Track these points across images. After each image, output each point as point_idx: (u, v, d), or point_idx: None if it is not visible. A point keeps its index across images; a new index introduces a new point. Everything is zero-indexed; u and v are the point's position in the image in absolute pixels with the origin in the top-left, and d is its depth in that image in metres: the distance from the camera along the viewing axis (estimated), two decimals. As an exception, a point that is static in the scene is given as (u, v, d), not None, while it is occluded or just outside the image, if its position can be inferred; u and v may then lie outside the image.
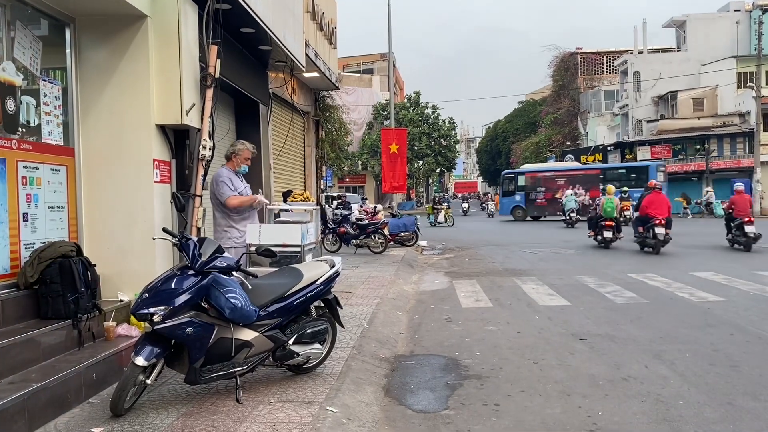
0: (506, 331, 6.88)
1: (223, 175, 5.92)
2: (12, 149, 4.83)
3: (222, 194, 5.82)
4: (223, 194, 5.82)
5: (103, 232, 5.77)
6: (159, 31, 5.84)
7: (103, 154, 5.77)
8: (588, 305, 8.25)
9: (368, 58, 55.25)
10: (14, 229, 4.86)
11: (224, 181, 5.86)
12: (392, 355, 5.98)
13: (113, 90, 5.78)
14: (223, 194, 5.82)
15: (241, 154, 6.07)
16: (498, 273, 11.83)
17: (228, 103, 9.34)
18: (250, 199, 6.01)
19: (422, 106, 50.26)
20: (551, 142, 52.01)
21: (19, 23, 5.04)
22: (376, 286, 9.74)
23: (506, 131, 63.85)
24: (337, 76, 14.75)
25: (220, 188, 5.84)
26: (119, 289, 5.64)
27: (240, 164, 6.07)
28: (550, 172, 35.03)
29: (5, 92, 4.82)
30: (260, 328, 4.44)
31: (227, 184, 5.85)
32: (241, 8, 6.87)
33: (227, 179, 5.89)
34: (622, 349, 6.02)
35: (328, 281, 4.97)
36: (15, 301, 4.65)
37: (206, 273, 4.12)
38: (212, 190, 5.97)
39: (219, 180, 5.88)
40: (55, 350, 4.53)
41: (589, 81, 51.82)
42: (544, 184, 34.12)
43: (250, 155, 6.15)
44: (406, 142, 21.43)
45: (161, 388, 4.60)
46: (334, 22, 14.10)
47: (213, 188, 5.96)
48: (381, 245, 15.59)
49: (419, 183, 57.60)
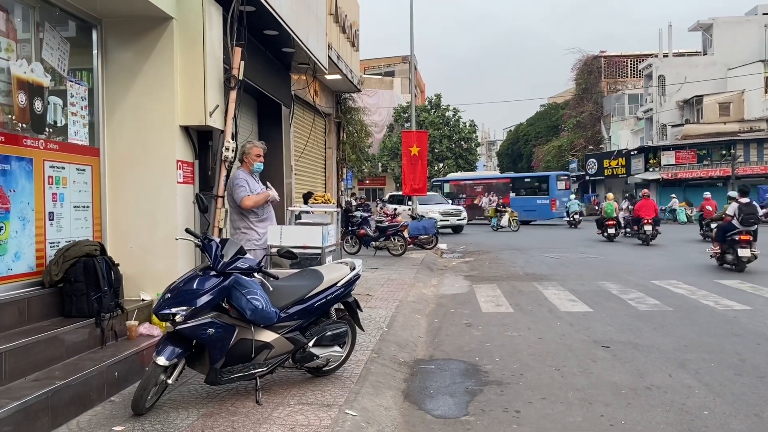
0: (527, 337, 6.81)
1: (239, 177, 5.93)
2: (39, 149, 4.89)
3: (238, 195, 5.84)
4: (238, 195, 5.84)
5: (127, 231, 5.83)
6: (184, 32, 5.89)
7: (127, 154, 5.83)
8: (610, 312, 8.15)
9: (389, 61, 55.26)
10: (40, 227, 4.92)
11: (240, 184, 5.86)
12: (412, 359, 5.95)
13: (138, 91, 5.84)
14: (238, 195, 5.84)
15: (251, 152, 6.05)
16: (519, 277, 11.74)
17: (251, 104, 9.40)
18: (264, 196, 6.01)
19: (443, 109, 50.15)
20: (573, 145, 51.57)
21: (47, 25, 5.11)
22: (396, 288, 9.71)
23: (528, 134, 63.43)
24: (359, 78, 14.77)
25: (237, 190, 5.86)
26: (141, 289, 5.69)
27: (253, 163, 6.05)
28: (470, 181, 38.33)
29: (33, 93, 4.89)
30: (280, 329, 4.44)
31: (244, 186, 5.86)
32: (265, 10, 6.91)
33: (243, 181, 5.89)
34: (646, 357, 5.93)
35: (349, 284, 4.96)
36: (40, 299, 4.71)
37: (228, 274, 4.14)
38: (230, 192, 5.99)
39: (235, 182, 5.90)
40: (78, 348, 4.57)
41: (613, 84, 51.27)
42: (465, 191, 37.53)
43: (261, 151, 6.13)
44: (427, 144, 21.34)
45: (182, 387, 4.62)
46: (357, 25, 14.12)
47: (230, 190, 5.98)
48: (401, 248, 15.57)
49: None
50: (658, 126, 42.80)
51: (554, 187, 33.12)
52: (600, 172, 44.76)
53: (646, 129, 45.38)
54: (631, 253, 16.60)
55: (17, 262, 4.69)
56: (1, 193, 4.50)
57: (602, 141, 51.02)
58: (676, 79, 41.47)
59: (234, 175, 6.02)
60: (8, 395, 3.65)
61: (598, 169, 44.96)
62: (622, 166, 42.74)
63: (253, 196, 5.90)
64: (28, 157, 4.76)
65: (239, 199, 5.84)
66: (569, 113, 53.35)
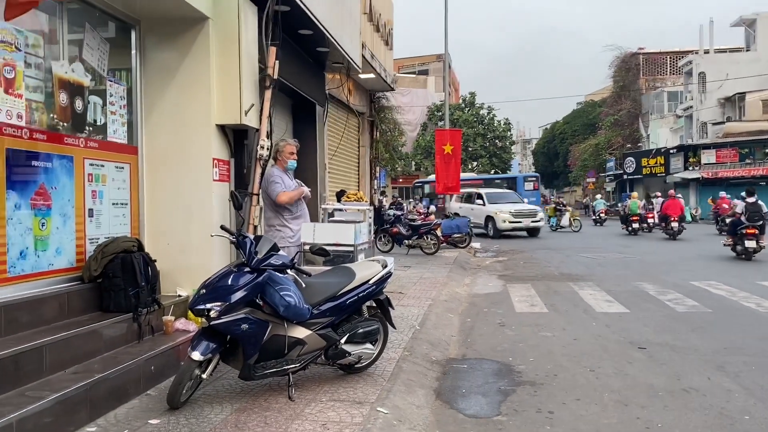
0: (562, 338, 6.72)
1: (274, 174, 6.00)
2: (79, 147, 5.01)
3: (273, 191, 5.90)
4: (273, 191, 5.90)
5: (164, 228, 5.93)
6: (220, 32, 5.97)
7: (164, 152, 5.93)
8: (647, 313, 7.99)
9: (423, 59, 55.12)
10: (80, 224, 5.05)
11: (275, 180, 5.93)
12: (444, 358, 5.93)
13: (175, 90, 5.94)
14: (273, 191, 5.90)
15: (284, 150, 6.12)
16: (554, 277, 11.60)
17: (285, 103, 9.47)
18: (299, 193, 6.07)
19: (477, 107, 49.84)
20: (611, 144, 50.73)
21: (88, 26, 5.23)
22: (428, 287, 9.69)
23: (564, 133, 62.62)
24: (393, 77, 14.78)
25: (272, 186, 5.92)
26: (178, 284, 5.79)
27: (286, 161, 6.11)
28: None
29: (74, 92, 5.01)
30: (313, 326, 4.46)
31: (279, 183, 5.93)
32: (300, 10, 6.95)
33: (278, 178, 5.96)
34: (683, 359, 5.80)
35: (381, 281, 4.96)
36: (79, 294, 4.82)
37: (262, 270, 4.18)
38: (264, 189, 6.05)
39: (270, 179, 5.96)
40: (116, 342, 4.67)
41: (652, 82, 50.25)
42: None
43: (294, 149, 6.19)
44: (461, 143, 21.27)
45: (216, 382, 4.69)
46: (391, 24, 14.13)
47: (265, 187, 6.04)
48: (433, 246, 15.51)
49: (473, 184, 57.11)
50: (698, 124, 41.81)
51: (522, 188, 35.25)
52: (638, 170, 43.93)
53: (685, 127, 44.37)
54: (664, 247, 17.94)
55: (58, 258, 4.81)
56: (44, 190, 4.63)
57: (640, 139, 50.06)
58: (718, 76, 40.42)
59: (269, 172, 6.09)
60: (49, 387, 3.75)
61: (636, 167, 44.13)
62: (660, 165, 41.87)
63: (288, 192, 5.96)
64: (68, 155, 4.89)
65: (274, 195, 5.90)
66: (607, 111, 52.47)
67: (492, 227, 22.79)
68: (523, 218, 22.73)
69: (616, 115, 50.61)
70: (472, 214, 22.88)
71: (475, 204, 24.13)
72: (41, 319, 4.37)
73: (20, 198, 4.40)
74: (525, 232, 23.46)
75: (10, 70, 4.29)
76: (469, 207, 24.26)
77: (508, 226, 22.51)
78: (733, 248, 14.59)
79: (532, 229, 23.11)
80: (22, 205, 4.42)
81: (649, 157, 43.13)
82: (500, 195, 25.19)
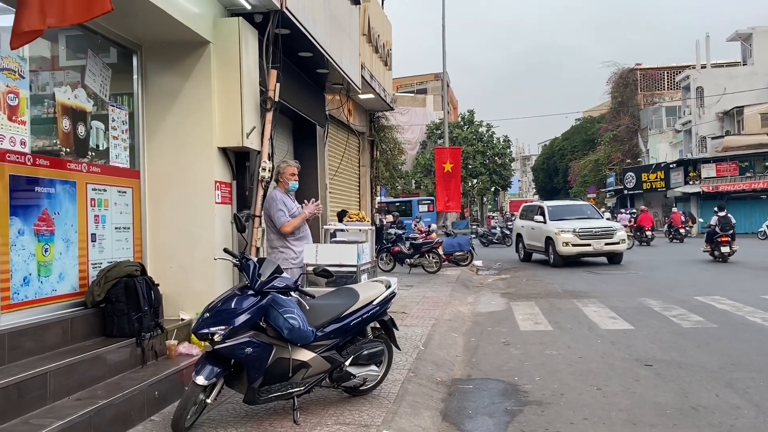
0: (567, 356, 6.68)
1: (276, 198, 5.96)
2: (82, 172, 5.03)
3: (278, 221, 5.88)
4: (278, 220, 5.88)
5: (166, 251, 5.93)
6: (221, 56, 6.01)
7: (166, 176, 5.95)
8: (653, 329, 7.95)
9: (422, 78, 55.48)
10: (83, 249, 5.04)
11: (278, 207, 5.89)
12: (449, 378, 5.88)
13: (177, 114, 5.97)
14: (278, 220, 5.88)
15: (285, 171, 6.10)
16: (557, 295, 11.56)
17: (286, 124, 9.52)
18: (301, 219, 6.03)
19: (476, 125, 50.03)
20: (611, 159, 50.84)
21: (90, 51, 5.28)
22: (431, 306, 9.65)
23: (563, 149, 62.78)
24: (392, 96, 14.86)
25: (276, 215, 5.89)
26: (181, 308, 5.77)
27: (288, 182, 6.10)
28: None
29: (77, 118, 5.04)
30: (317, 348, 4.44)
31: (282, 210, 5.90)
32: (300, 33, 7.01)
33: (281, 203, 5.92)
34: (690, 376, 5.76)
35: (385, 302, 4.94)
36: (83, 319, 4.80)
37: (265, 293, 4.16)
38: (266, 212, 6.04)
39: (273, 204, 5.94)
40: (119, 368, 4.64)
41: (650, 97, 50.49)
42: None
43: (295, 170, 6.18)
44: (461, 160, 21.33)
45: (220, 407, 4.65)
46: (389, 44, 14.23)
47: (267, 211, 6.02)
48: (435, 265, 15.49)
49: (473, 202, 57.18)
50: (697, 138, 41.92)
51: (416, 210, 36.30)
52: (638, 185, 43.99)
53: (684, 141, 44.50)
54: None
55: (61, 283, 4.80)
56: (47, 215, 4.63)
57: (640, 154, 50.19)
58: (716, 91, 40.63)
59: (270, 196, 6.07)
60: (53, 414, 3.72)
61: (637, 182, 44.20)
62: (661, 180, 41.94)
63: (293, 221, 5.93)
64: (71, 180, 4.90)
65: (279, 225, 5.88)
66: (605, 127, 52.66)
67: (552, 252, 17.34)
68: (594, 239, 16.89)
69: (615, 130, 50.80)
70: (532, 235, 18.96)
71: (535, 221, 18.68)
72: (45, 346, 4.35)
73: (23, 224, 4.41)
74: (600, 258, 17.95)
75: (14, 97, 4.32)
76: (529, 225, 19.24)
77: (571, 251, 16.92)
78: (711, 253, 17.92)
79: (609, 254, 17.37)
80: (25, 231, 4.42)
81: (649, 172, 43.21)
82: (568, 209, 19.50)
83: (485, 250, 27.11)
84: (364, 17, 11.46)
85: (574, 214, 18.69)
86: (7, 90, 4.25)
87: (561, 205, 20.18)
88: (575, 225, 17.27)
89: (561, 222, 17.70)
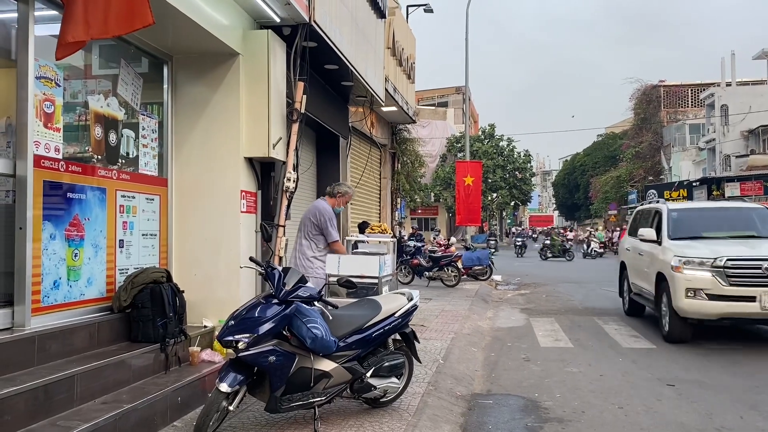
0: (588, 373, 6.63)
1: (329, 211, 6.10)
2: (112, 179, 5.13)
3: (331, 234, 6.03)
4: (331, 234, 6.03)
5: (191, 259, 6.00)
6: (250, 68, 6.11)
7: (193, 184, 6.04)
8: (675, 349, 7.85)
9: (443, 92, 55.55)
10: (111, 254, 5.13)
11: (333, 224, 6.07)
12: (469, 393, 5.87)
13: (205, 124, 6.07)
14: (331, 234, 6.03)
15: (346, 197, 6.34)
16: (577, 312, 11.47)
17: (309, 135, 9.61)
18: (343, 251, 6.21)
19: (497, 139, 49.94)
20: (632, 176, 50.37)
21: (123, 61, 5.40)
22: (450, 320, 9.63)
23: (585, 164, 62.37)
24: (414, 110, 14.93)
25: (330, 227, 6.03)
26: (204, 315, 5.83)
27: (341, 205, 6.32)
28: None
29: (108, 125, 5.15)
30: (339, 359, 4.46)
31: (335, 228, 6.08)
32: (327, 46, 7.10)
33: (334, 221, 6.10)
34: (714, 397, 5.68)
35: (406, 314, 4.96)
36: (109, 324, 4.88)
37: (290, 302, 4.20)
38: (314, 219, 6.08)
39: (328, 216, 6.06)
40: (143, 373, 4.70)
41: (673, 114, 50.06)
42: None
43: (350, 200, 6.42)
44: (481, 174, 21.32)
45: (241, 414, 4.68)
46: (413, 58, 14.32)
47: (316, 219, 6.07)
48: (454, 278, 15.42)
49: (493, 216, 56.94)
50: (721, 157, 41.44)
51: None
52: (660, 203, 43.52)
53: (708, 160, 44.00)
54: None
55: (89, 288, 4.89)
56: (77, 221, 4.73)
57: (662, 172, 49.70)
58: (741, 109, 40.16)
59: (324, 206, 6.14)
60: (79, 417, 3.78)
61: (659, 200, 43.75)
62: (683, 198, 41.42)
63: (342, 247, 6.15)
64: (102, 187, 5.00)
65: (331, 238, 6.03)
66: (628, 143, 52.24)
67: (665, 307, 8.37)
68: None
69: (638, 147, 50.38)
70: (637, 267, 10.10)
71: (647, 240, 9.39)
72: (72, 349, 4.42)
73: (55, 229, 4.50)
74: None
75: (50, 105, 4.43)
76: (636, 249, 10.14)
77: (707, 309, 7.76)
78: None
79: None
80: (56, 235, 4.51)
81: (671, 190, 42.67)
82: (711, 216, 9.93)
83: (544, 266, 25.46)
84: (389, 30, 11.56)
85: (725, 227, 9.32)
86: (44, 98, 4.36)
87: (698, 209, 10.45)
88: (722, 250, 7.97)
89: (692, 243, 8.55)
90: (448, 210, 45.58)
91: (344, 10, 7.84)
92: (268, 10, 6.08)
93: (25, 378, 3.77)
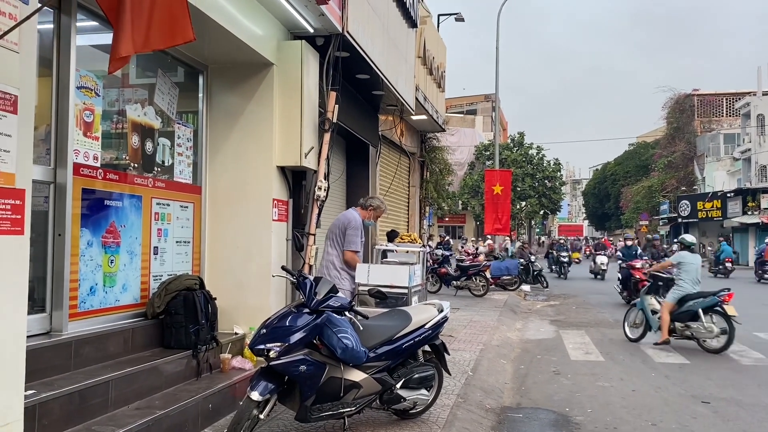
0: (620, 388, 6.52)
1: (358, 222, 6.04)
2: (148, 187, 5.21)
3: (353, 242, 5.94)
4: (353, 243, 5.95)
5: (223, 266, 6.06)
6: (283, 78, 6.17)
7: (226, 192, 6.11)
8: (709, 364, 7.69)
9: (472, 99, 55.39)
10: (145, 261, 5.21)
11: (358, 235, 6.00)
12: (498, 406, 5.81)
13: (239, 133, 6.14)
14: (353, 243, 5.95)
15: (378, 211, 6.27)
16: (608, 324, 11.30)
17: (340, 143, 9.65)
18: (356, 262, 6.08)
19: (526, 147, 49.56)
20: (665, 186, 49.55)
21: (159, 71, 5.49)
22: (479, 331, 9.56)
23: (615, 174, 61.50)
24: (444, 118, 14.90)
25: (355, 237, 5.97)
26: (235, 322, 5.87)
27: (371, 218, 6.25)
28: None
29: (145, 134, 5.24)
30: (369, 369, 4.45)
31: (359, 239, 6.01)
32: (359, 55, 7.14)
33: (361, 232, 6.04)
34: (751, 416, 5.54)
35: (437, 326, 4.93)
36: (143, 330, 4.95)
37: (321, 312, 4.21)
38: (342, 228, 6.02)
39: (356, 226, 6.00)
40: (176, 379, 4.76)
41: (707, 124, 49.17)
42: None
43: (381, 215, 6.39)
44: (510, 183, 21.16)
45: (271, 422, 4.70)
46: (443, 66, 14.30)
47: (345, 228, 6.01)
48: (482, 288, 15.32)
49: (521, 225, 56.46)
50: (757, 167, 40.53)
51: None
52: (693, 214, 42.69)
53: (743, 170, 43.07)
54: None
55: (124, 294, 4.97)
56: (114, 228, 4.81)
57: (695, 182, 48.79)
58: (777, 118, 39.29)
59: (354, 217, 6.08)
60: (114, 422, 3.84)
61: (692, 211, 42.88)
62: (717, 209, 40.60)
63: (358, 259, 6.02)
64: (138, 194, 5.08)
65: (351, 246, 5.96)
66: (660, 153, 51.40)
67: None
68: None
69: (670, 156, 49.55)
70: None
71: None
72: (107, 354, 4.50)
73: (92, 235, 4.59)
74: None
75: (90, 114, 4.52)
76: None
77: None
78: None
79: None
80: (93, 242, 4.60)
81: (705, 201, 41.90)
82: None
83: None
84: (420, 40, 11.57)
85: None
86: (84, 107, 4.46)
87: None
88: None
89: None
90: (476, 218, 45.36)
91: (376, 20, 7.88)
92: (302, 21, 6.14)
93: (62, 382, 3.84)
